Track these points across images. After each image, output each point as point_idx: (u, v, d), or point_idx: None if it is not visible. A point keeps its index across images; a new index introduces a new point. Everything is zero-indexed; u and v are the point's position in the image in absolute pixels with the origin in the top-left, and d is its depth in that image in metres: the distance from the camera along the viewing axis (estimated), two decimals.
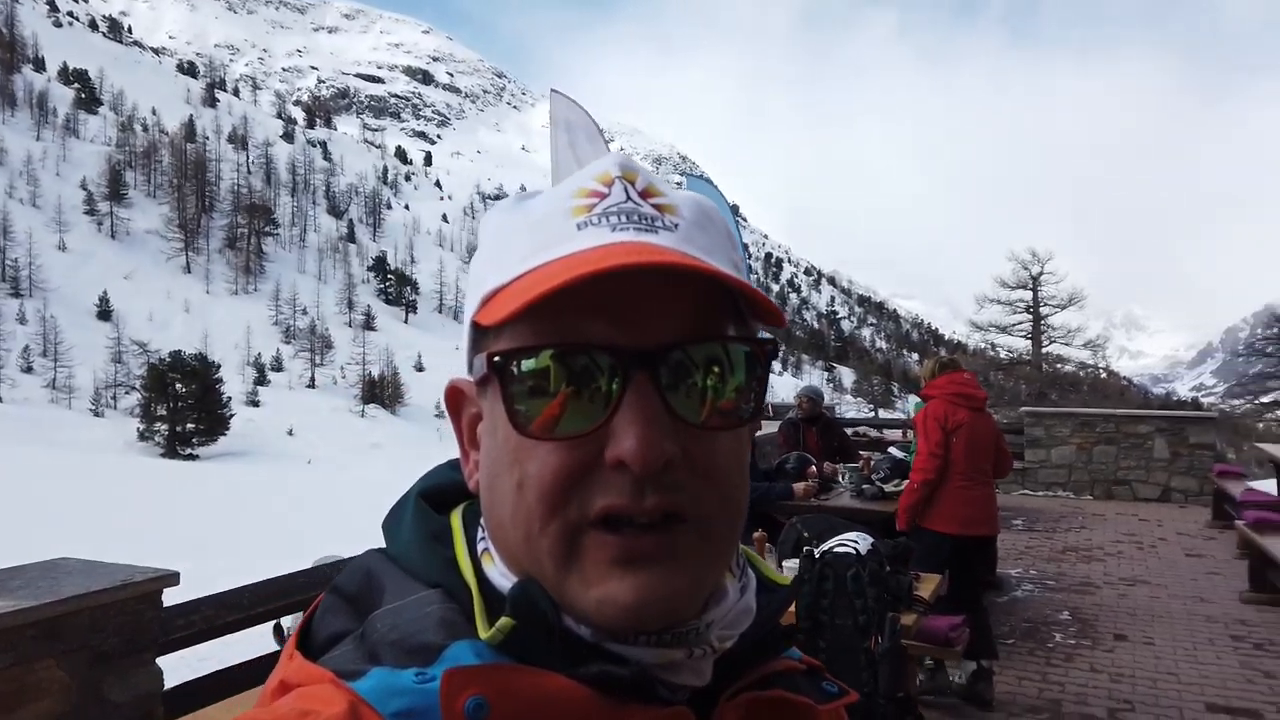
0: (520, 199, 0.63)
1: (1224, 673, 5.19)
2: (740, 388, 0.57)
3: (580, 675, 0.53)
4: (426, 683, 0.51)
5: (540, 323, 0.55)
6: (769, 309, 0.59)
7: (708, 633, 0.58)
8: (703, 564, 0.57)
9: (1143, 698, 4.81)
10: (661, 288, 0.55)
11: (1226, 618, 6.26)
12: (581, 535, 0.55)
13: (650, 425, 0.53)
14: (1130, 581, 7.27)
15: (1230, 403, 40.72)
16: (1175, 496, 11.21)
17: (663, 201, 0.60)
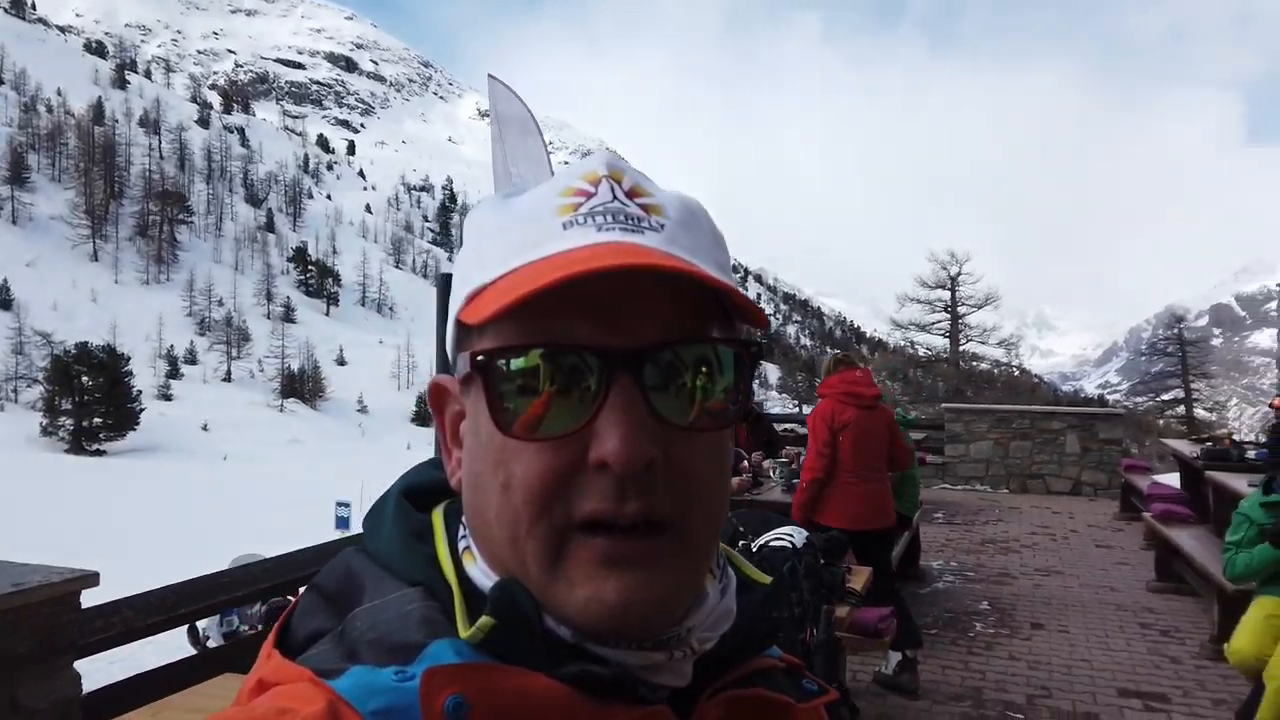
0: (505, 196, 0.62)
1: (1134, 659, 5.42)
2: (726, 389, 0.57)
3: (561, 675, 0.53)
4: (406, 681, 0.50)
5: (525, 322, 0.54)
6: (751, 310, 0.59)
7: (689, 636, 0.59)
8: (685, 570, 0.57)
9: (1059, 684, 4.99)
10: (647, 288, 0.55)
11: (1135, 606, 6.54)
12: (567, 538, 0.55)
13: (633, 426, 0.53)
14: (1045, 572, 7.54)
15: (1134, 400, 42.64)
16: (1085, 490, 11.68)
17: (649, 201, 0.60)
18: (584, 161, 0.62)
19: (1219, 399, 43.27)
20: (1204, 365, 43.30)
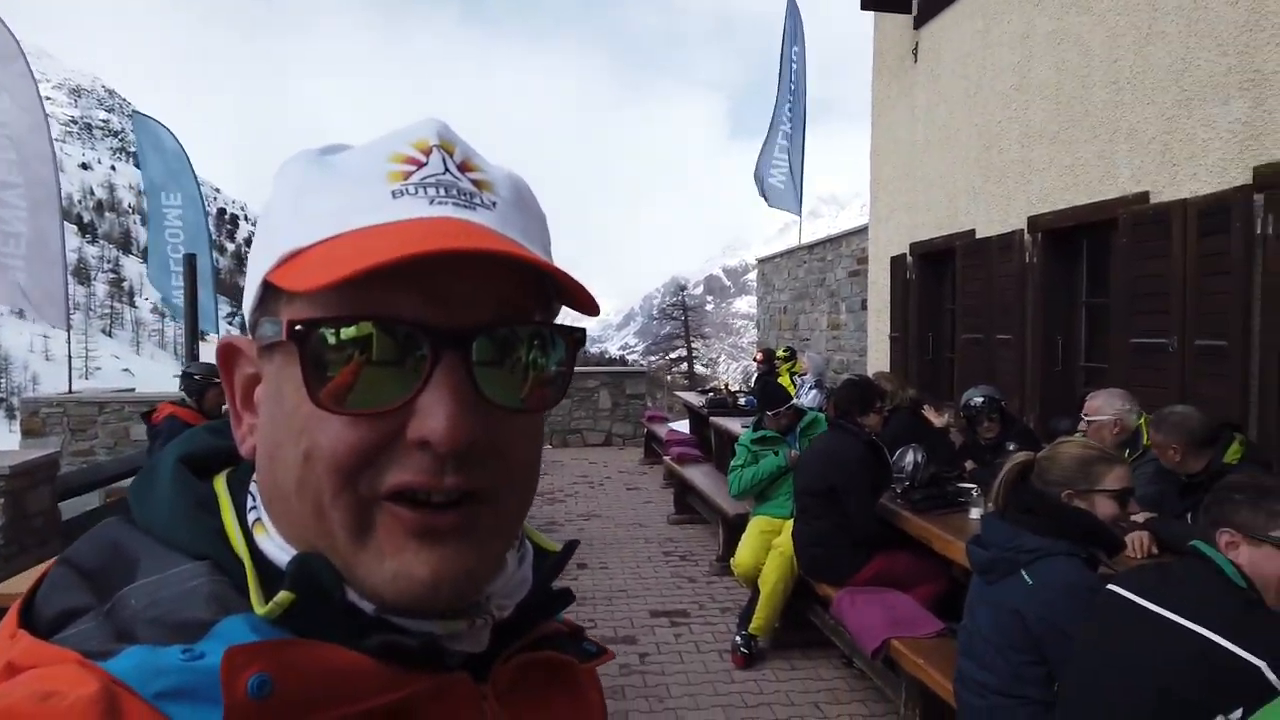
0: (324, 152, 0.59)
1: (660, 583, 6.23)
2: (551, 373, 0.57)
3: (365, 647, 0.52)
4: (195, 660, 0.47)
5: (349, 292, 0.51)
6: (583, 298, 0.59)
7: (489, 604, 0.60)
8: (495, 542, 0.58)
9: (602, 615, 5.56)
10: (476, 268, 0.54)
11: (659, 538, 7.50)
12: (375, 508, 0.54)
13: (459, 405, 0.52)
14: (586, 517, 8.30)
15: (649, 359, 48.27)
16: (616, 440, 13.03)
17: (481, 177, 0.59)
18: (412, 127, 0.59)
19: (713, 356, 50.81)
20: (701, 327, 50.59)
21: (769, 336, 14.94)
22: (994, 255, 6.73)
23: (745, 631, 4.82)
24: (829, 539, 4.50)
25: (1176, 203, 4.76)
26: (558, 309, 0.62)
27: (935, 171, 7.88)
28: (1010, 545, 2.47)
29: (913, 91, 8.35)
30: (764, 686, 4.51)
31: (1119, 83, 5.34)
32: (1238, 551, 1.95)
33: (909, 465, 4.62)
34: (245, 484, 0.60)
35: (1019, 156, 6.49)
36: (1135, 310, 5.11)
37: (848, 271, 11.43)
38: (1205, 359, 4.57)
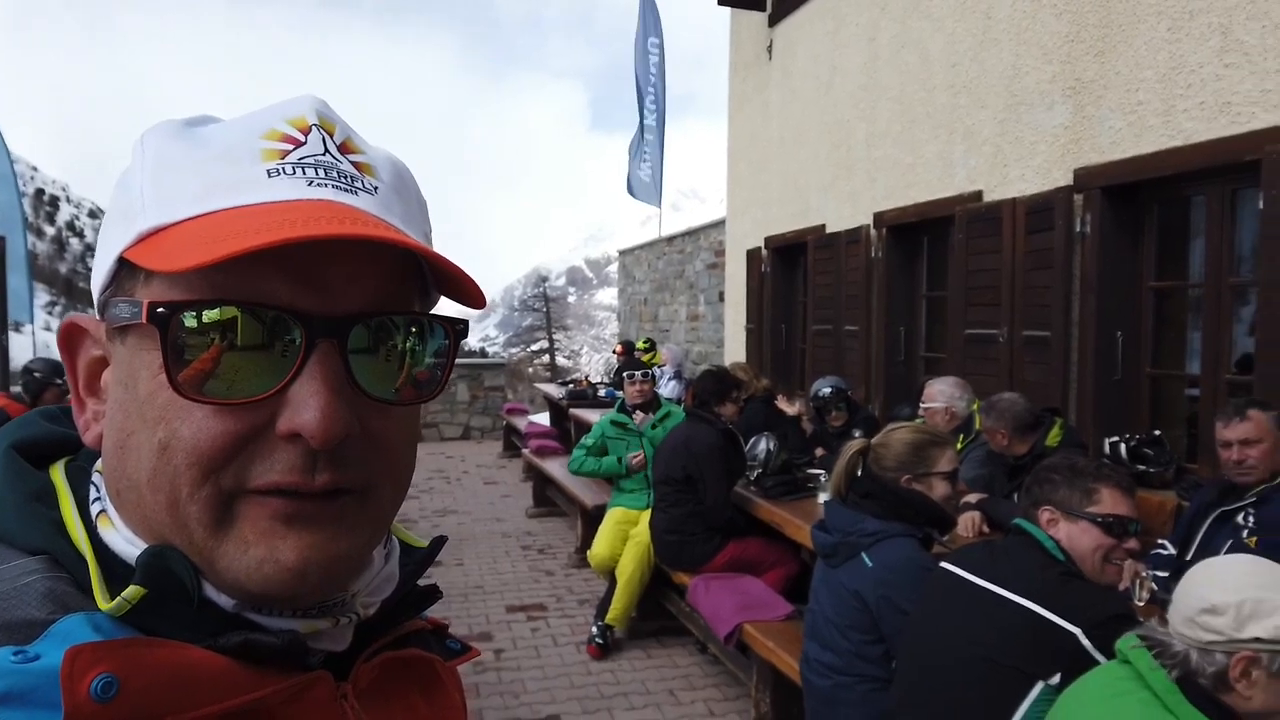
0: (190, 124, 0.56)
1: (518, 577, 6.15)
2: (428, 365, 0.56)
3: (222, 646, 0.50)
4: (29, 662, 0.44)
5: (214, 274, 0.48)
6: (468, 287, 0.56)
7: (353, 601, 0.58)
8: (366, 533, 0.55)
9: (457, 612, 5.43)
10: (357, 254, 0.51)
11: (518, 532, 7.41)
12: (238, 499, 0.51)
13: (334, 397, 0.50)
14: (442, 513, 8.10)
15: (510, 351, 47.77)
16: (474, 434, 12.80)
17: (362, 160, 0.57)
18: (287, 103, 0.57)
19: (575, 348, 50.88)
20: (563, 319, 50.46)
21: (630, 328, 15.02)
22: (843, 250, 6.97)
23: (602, 622, 4.81)
24: (685, 527, 4.55)
25: (1007, 201, 5.04)
26: (436, 299, 0.60)
27: (788, 167, 8.09)
28: (852, 529, 2.55)
29: (767, 88, 8.54)
30: (620, 676, 4.50)
31: (956, 86, 5.62)
32: (1057, 528, 2.06)
33: (762, 453, 4.73)
34: (87, 474, 0.57)
35: (866, 154, 6.74)
36: (970, 303, 5.39)
37: (706, 264, 11.62)
38: (1031, 348, 4.87)
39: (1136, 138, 4.21)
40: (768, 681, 3.63)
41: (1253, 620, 1.45)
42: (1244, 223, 3.96)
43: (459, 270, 0.54)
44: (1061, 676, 1.76)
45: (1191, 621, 1.50)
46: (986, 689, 1.88)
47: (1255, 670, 1.44)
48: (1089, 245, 4.49)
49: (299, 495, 0.51)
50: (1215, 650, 1.47)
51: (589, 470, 5.48)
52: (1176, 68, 3.98)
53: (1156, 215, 4.41)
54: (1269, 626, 1.43)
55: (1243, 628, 1.45)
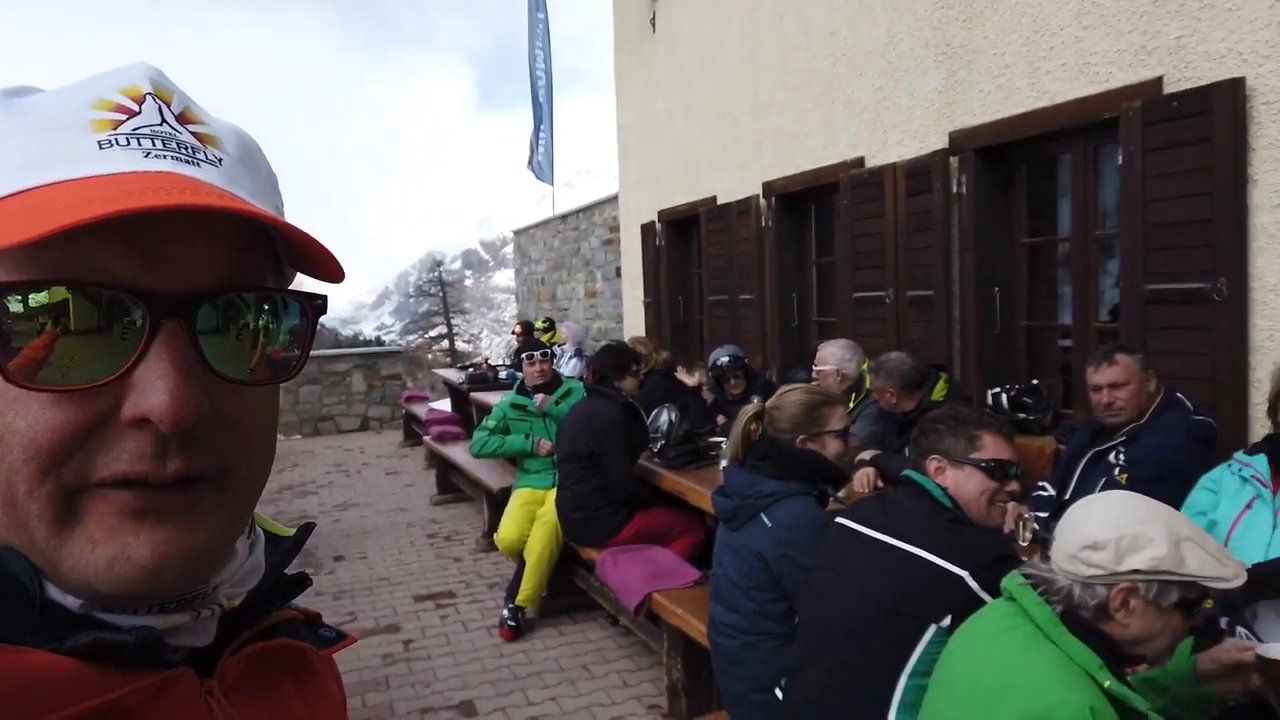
0: (10, 94, 0.52)
1: (424, 566, 6.05)
2: (286, 342, 0.53)
3: (68, 648, 0.47)
4: None
5: (45, 253, 0.45)
6: (326, 261, 0.52)
7: (216, 594, 0.56)
8: (225, 522, 0.53)
9: (362, 606, 5.31)
10: (203, 229, 0.49)
11: (422, 520, 7.28)
12: (82, 495, 0.48)
13: (183, 378, 0.47)
14: (343, 507, 7.89)
15: (407, 338, 46.79)
16: (373, 424, 12.50)
17: (204, 130, 0.53)
18: (118, 71, 0.53)
19: (474, 331, 50.19)
20: (461, 303, 49.66)
21: (529, 308, 14.90)
22: (734, 220, 7.05)
23: (513, 604, 4.78)
24: (590, 502, 4.55)
25: (888, 166, 5.18)
26: (292, 276, 0.58)
27: (678, 140, 8.12)
28: (750, 492, 2.59)
29: (653, 62, 8.53)
30: (533, 656, 4.49)
31: (835, 55, 5.72)
32: (945, 475, 2.13)
33: (664, 425, 4.76)
34: None
35: (752, 125, 6.81)
36: (857, 266, 5.53)
37: (601, 240, 11.59)
38: (916, 308, 5.03)
39: (1005, 100, 4.37)
40: (678, 648, 3.67)
41: (1131, 554, 1.53)
42: (1106, 178, 4.16)
43: (314, 242, 0.52)
44: (952, 619, 1.83)
45: (1074, 558, 1.57)
46: (883, 636, 1.94)
47: (1133, 600, 1.53)
48: (965, 206, 4.65)
49: (149, 486, 0.48)
50: (1096, 584, 1.55)
51: (492, 450, 5.41)
52: (1039, 31, 4.15)
53: (1026, 174, 4.60)
54: (1145, 558, 1.52)
55: (1122, 561, 1.53)
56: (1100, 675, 1.46)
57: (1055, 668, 1.48)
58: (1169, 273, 3.54)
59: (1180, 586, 1.51)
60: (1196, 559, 1.51)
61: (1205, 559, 1.52)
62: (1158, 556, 1.51)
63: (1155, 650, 1.56)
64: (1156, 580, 1.51)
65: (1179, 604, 1.52)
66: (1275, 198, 3.19)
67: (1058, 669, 1.47)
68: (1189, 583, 1.51)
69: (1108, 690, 1.44)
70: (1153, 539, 1.53)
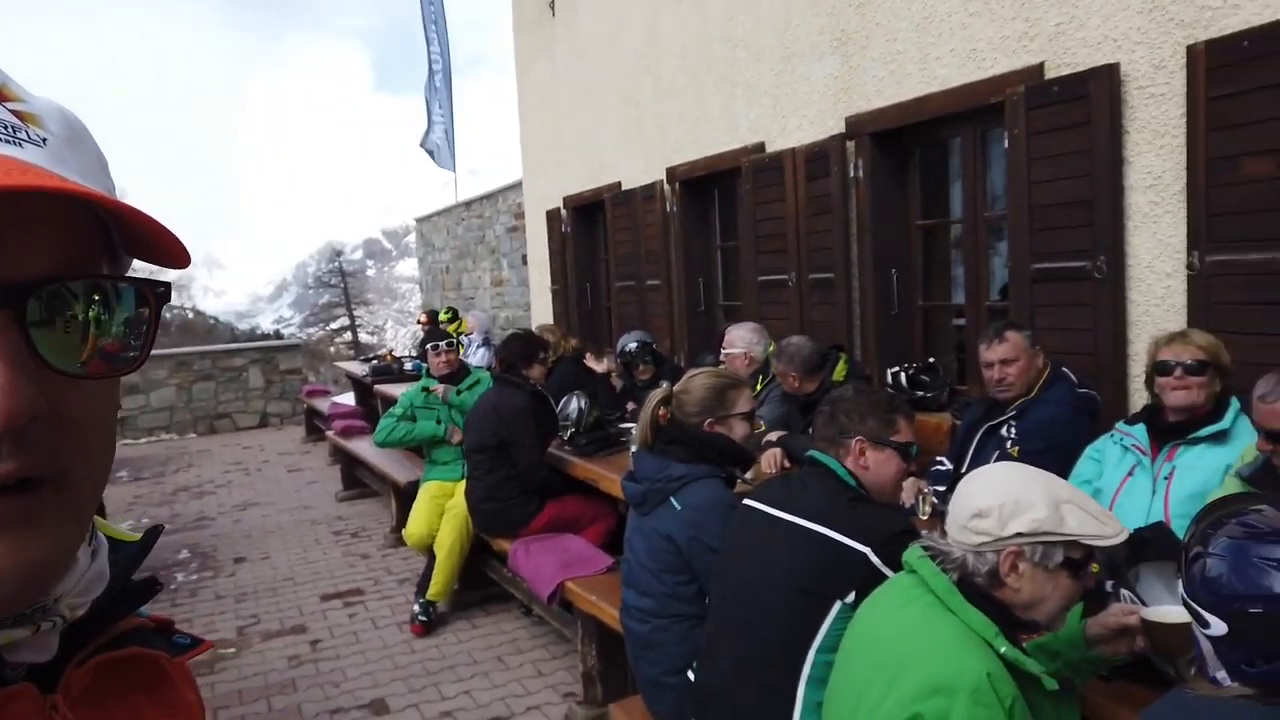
0: None
1: (331, 565, 5.89)
2: (124, 333, 0.50)
3: None
4: None
5: None
6: (168, 243, 0.49)
7: (57, 606, 0.53)
8: (67, 529, 0.50)
9: (266, 608, 5.14)
10: (29, 213, 0.45)
11: (328, 518, 7.09)
12: None
13: (15, 372, 0.44)
14: (243, 507, 7.62)
15: (308, 331, 45.40)
16: (273, 421, 12.10)
17: (24, 109, 0.50)
18: None
19: (378, 323, 49.06)
20: (364, 294, 48.43)
21: (434, 298, 14.63)
22: (639, 205, 7.05)
23: (424, 599, 4.70)
24: (501, 493, 4.50)
25: (787, 151, 5.25)
26: (128, 263, 0.55)
27: (581, 125, 8.07)
28: (659, 476, 2.59)
29: (553, 45, 8.45)
30: (446, 651, 4.42)
31: (734, 40, 5.76)
32: (865, 457, 2.18)
33: (573, 412, 4.74)
34: None
35: (654, 110, 6.82)
36: (760, 250, 5.60)
37: (506, 227, 11.45)
38: (817, 290, 5.13)
39: (898, 85, 4.48)
40: (592, 635, 3.67)
41: (1013, 518, 1.59)
42: (994, 161, 4.31)
43: (153, 223, 0.48)
44: (856, 595, 1.87)
45: (964, 528, 1.63)
46: (790, 613, 1.98)
47: (1021, 564, 1.59)
48: (862, 189, 4.76)
49: None
50: (986, 551, 1.60)
51: (400, 437, 5.27)
52: (929, 17, 4.26)
53: (920, 158, 4.73)
54: (1027, 521, 1.58)
55: (1005, 526, 1.59)
56: (997, 642, 1.51)
57: (954, 636, 1.52)
58: (1053, 252, 3.70)
59: (1064, 546, 1.57)
60: (1076, 519, 1.58)
61: (1085, 519, 1.58)
62: (1038, 519, 1.57)
63: (1048, 613, 1.62)
64: (1040, 542, 1.57)
65: (1065, 565, 1.58)
66: (1148, 179, 3.36)
67: (957, 638, 1.52)
68: (1071, 542, 1.57)
69: (1004, 656, 1.50)
70: (1034, 503, 1.59)
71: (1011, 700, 1.44)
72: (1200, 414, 2.67)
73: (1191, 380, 2.65)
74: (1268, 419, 2.17)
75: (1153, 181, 3.35)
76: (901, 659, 1.54)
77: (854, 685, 1.62)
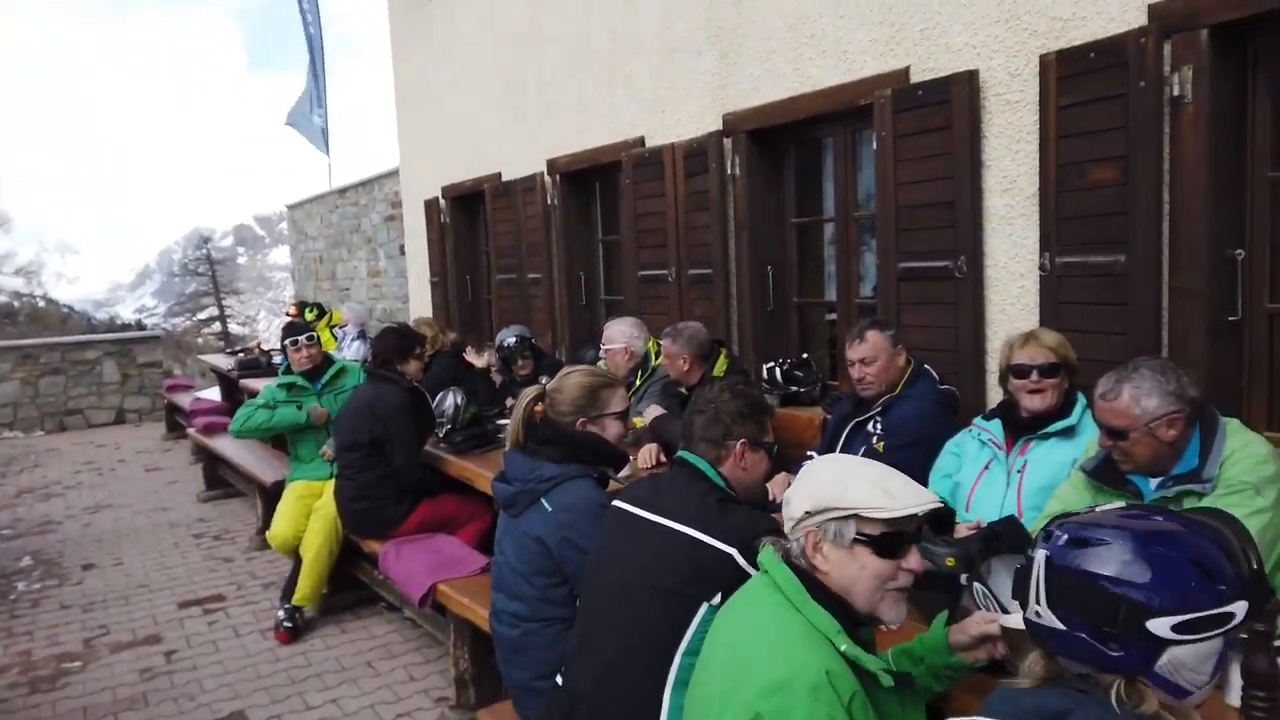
0: None
1: (190, 569, 5.57)
2: None
3: None
4: None
5: None
6: None
7: None
8: None
9: (117, 618, 4.82)
10: None
11: (188, 520, 6.71)
12: None
13: None
14: (94, 509, 7.14)
15: (172, 321, 43.04)
16: (130, 417, 11.40)
17: None
18: None
19: (250, 313, 46.92)
20: (234, 283, 46.23)
21: (306, 288, 14.09)
22: (520, 197, 6.94)
23: (289, 604, 4.50)
24: (374, 492, 4.34)
25: (667, 146, 5.26)
26: None
27: (460, 114, 7.88)
28: (531, 476, 2.54)
29: (432, 30, 8.22)
30: (312, 658, 4.25)
31: (615, 33, 5.73)
32: (745, 459, 2.18)
33: (449, 408, 4.62)
34: None
35: (536, 101, 6.72)
36: (641, 245, 5.60)
37: (384, 216, 11.11)
38: (697, 285, 5.16)
39: (773, 84, 4.54)
40: (465, 638, 3.58)
41: (801, 500, 1.62)
42: (864, 162, 4.43)
43: None
44: (722, 596, 1.87)
45: (786, 519, 1.66)
46: (658, 616, 1.96)
47: (824, 544, 1.60)
48: (739, 186, 4.81)
49: None
50: (796, 538, 1.63)
51: (258, 424, 5.01)
52: (802, 18, 4.33)
53: (794, 157, 4.81)
54: (811, 499, 1.61)
55: (798, 509, 1.62)
56: (838, 639, 1.52)
57: (797, 635, 1.53)
58: (918, 251, 3.82)
59: (854, 522, 1.57)
60: (860, 493, 1.58)
61: (869, 491, 1.57)
62: (820, 495, 1.60)
63: (865, 596, 1.59)
64: (828, 520, 1.58)
65: (865, 542, 1.57)
66: (1004, 182, 3.51)
67: (799, 636, 1.53)
68: (866, 519, 1.56)
69: (844, 653, 1.51)
70: (821, 483, 1.62)
71: (851, 696, 1.45)
72: (1051, 411, 2.80)
73: (1046, 383, 2.77)
74: (1106, 416, 2.28)
75: (1009, 185, 3.50)
76: (746, 660, 1.54)
77: (708, 689, 1.62)
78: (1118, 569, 1.20)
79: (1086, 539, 1.25)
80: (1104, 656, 1.20)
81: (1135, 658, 1.18)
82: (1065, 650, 1.25)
